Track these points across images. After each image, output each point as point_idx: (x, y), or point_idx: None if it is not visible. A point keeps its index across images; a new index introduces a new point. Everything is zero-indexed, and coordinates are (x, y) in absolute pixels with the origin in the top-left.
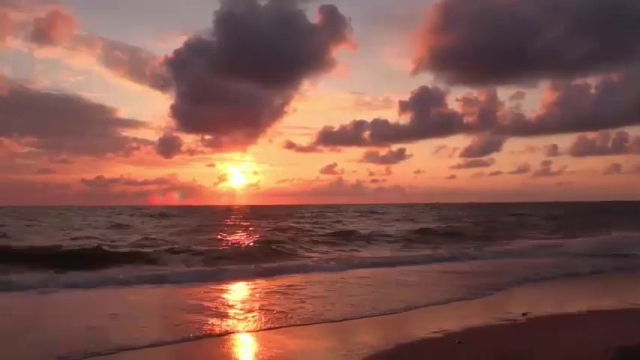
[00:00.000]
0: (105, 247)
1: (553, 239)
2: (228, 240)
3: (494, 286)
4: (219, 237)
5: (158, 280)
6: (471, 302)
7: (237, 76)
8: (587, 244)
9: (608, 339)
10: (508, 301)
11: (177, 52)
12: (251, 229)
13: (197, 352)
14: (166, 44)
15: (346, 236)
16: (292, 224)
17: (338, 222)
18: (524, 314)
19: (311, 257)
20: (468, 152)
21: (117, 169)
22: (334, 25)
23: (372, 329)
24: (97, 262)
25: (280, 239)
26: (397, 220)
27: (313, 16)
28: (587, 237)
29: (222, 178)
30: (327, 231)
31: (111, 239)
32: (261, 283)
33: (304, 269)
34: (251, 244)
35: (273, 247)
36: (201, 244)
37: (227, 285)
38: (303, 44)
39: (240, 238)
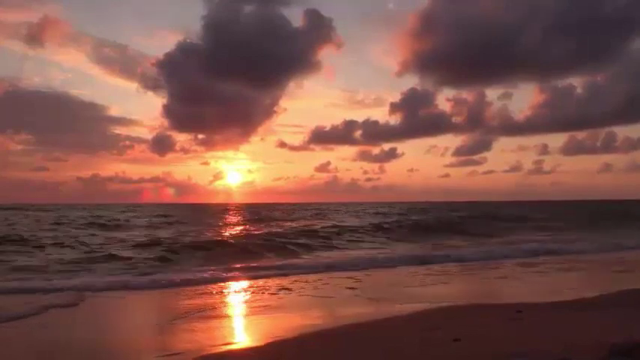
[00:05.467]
0: None
1: None
2: None
3: None
4: None
5: None
6: (464, 299)
7: (226, 77)
8: None
9: (602, 335)
10: (500, 296)
11: (167, 55)
12: None
13: None
14: (156, 41)
15: None
16: None
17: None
18: (518, 311)
19: None
20: (459, 151)
21: (112, 166)
22: (319, 28)
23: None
24: None
25: None
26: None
27: (299, 20)
28: None
29: (217, 177)
30: None
31: None
32: None
33: None
34: None
35: None
36: None
37: None
38: (288, 47)
39: None
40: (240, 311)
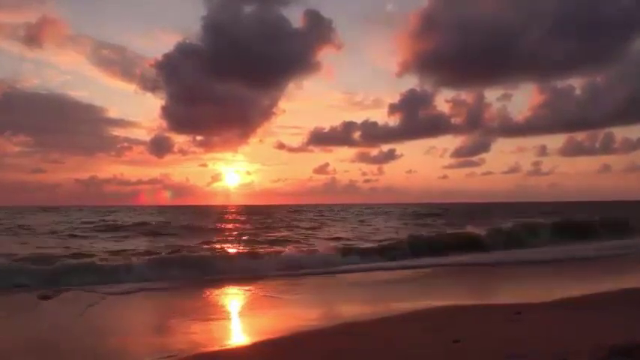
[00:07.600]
0: None
1: None
2: None
3: None
4: None
5: None
6: (463, 300)
7: (225, 78)
8: None
9: (601, 335)
10: (500, 297)
11: (166, 56)
12: None
13: None
14: (154, 42)
15: None
16: None
17: None
18: (517, 313)
19: None
20: (458, 152)
21: (110, 168)
22: (318, 29)
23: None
24: None
25: None
26: None
27: (298, 20)
28: None
29: (215, 178)
30: None
31: None
32: None
33: None
34: None
35: None
36: None
37: None
38: (288, 48)
39: None
40: None
